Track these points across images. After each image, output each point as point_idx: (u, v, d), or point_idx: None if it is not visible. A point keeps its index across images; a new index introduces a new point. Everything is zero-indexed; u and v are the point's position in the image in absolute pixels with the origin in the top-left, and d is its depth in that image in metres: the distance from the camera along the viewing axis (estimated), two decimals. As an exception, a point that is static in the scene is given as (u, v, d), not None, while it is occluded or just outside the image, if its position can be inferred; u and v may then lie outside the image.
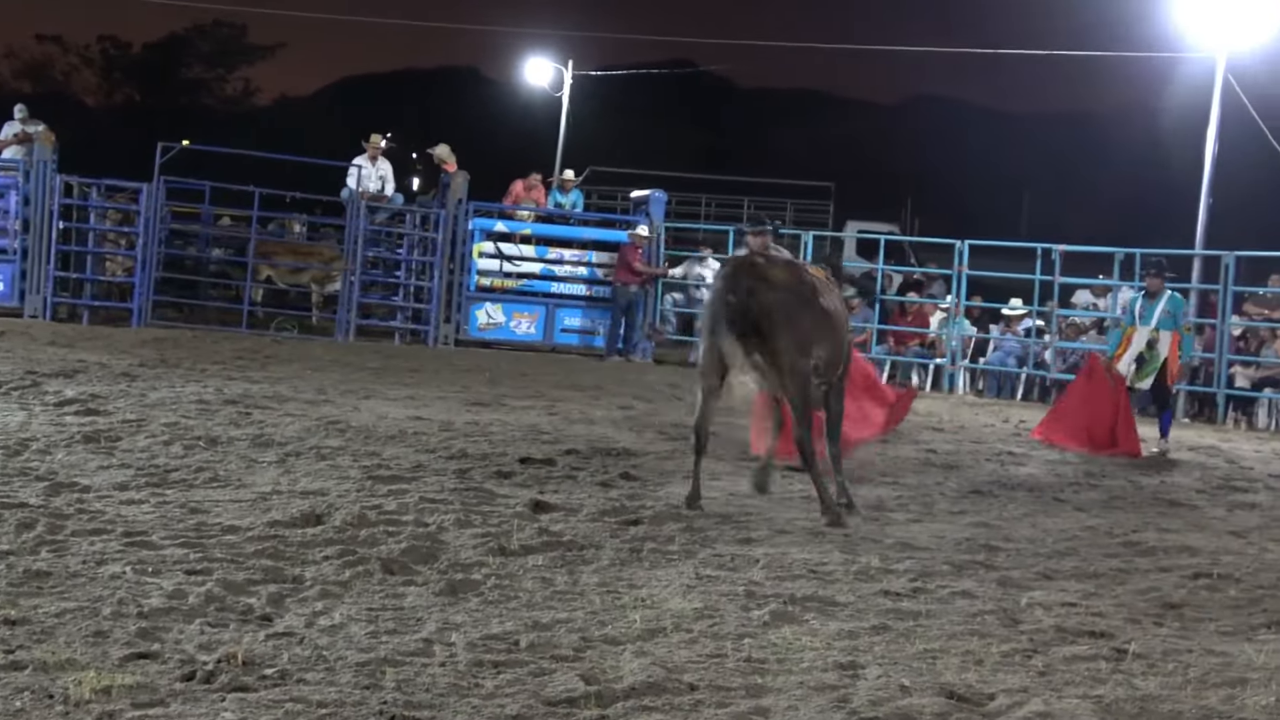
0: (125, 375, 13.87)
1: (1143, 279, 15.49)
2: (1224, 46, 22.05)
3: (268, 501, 7.92)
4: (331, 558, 6.66)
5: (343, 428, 11.14)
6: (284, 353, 18.19)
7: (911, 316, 22.79)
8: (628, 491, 9.29)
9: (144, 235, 20.92)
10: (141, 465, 8.85)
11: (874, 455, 12.39)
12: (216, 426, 10.74)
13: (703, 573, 6.93)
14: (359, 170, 22.31)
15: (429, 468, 9.62)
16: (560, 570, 6.82)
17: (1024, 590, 7.01)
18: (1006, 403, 20.13)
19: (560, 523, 7.95)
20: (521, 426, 12.25)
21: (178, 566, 6.27)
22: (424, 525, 7.54)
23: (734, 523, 8.36)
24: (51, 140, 21.43)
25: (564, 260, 22.70)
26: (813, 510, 8.99)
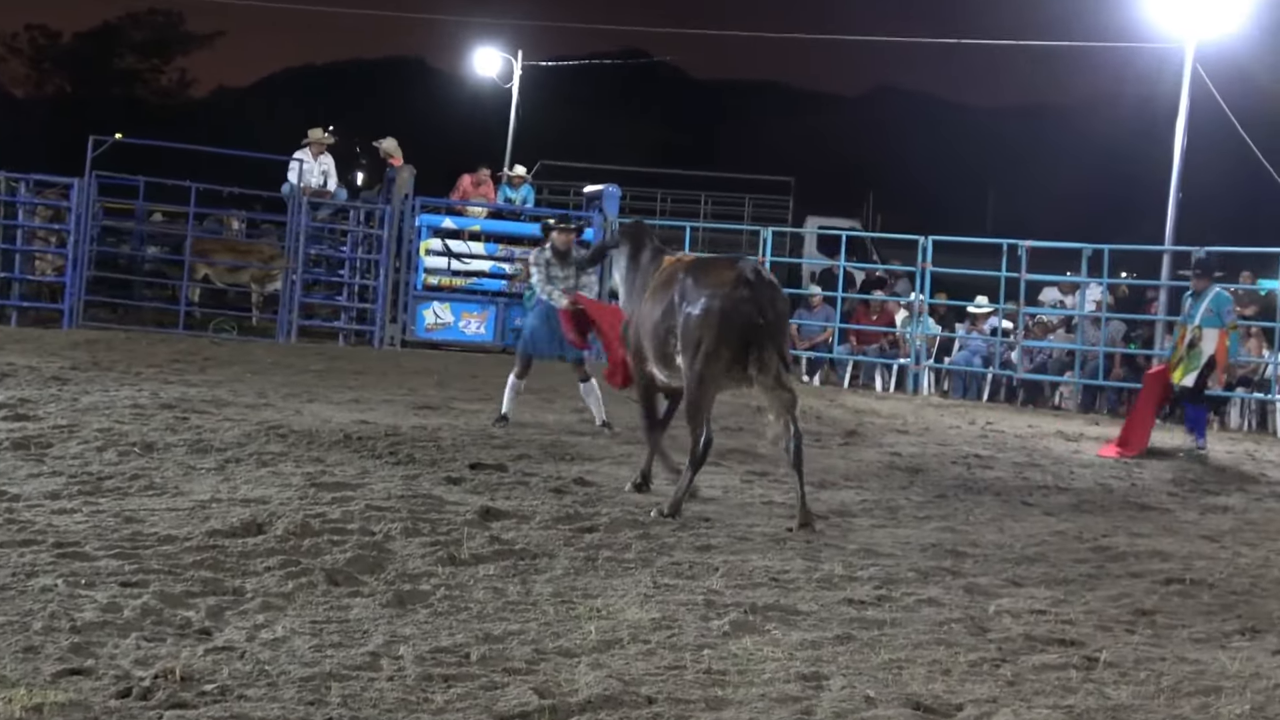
0: (56, 379, 13.76)
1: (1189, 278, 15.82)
2: (1192, 35, 22.22)
3: (206, 510, 7.86)
4: (273, 568, 6.62)
5: (284, 433, 11.08)
6: (223, 355, 18.08)
7: (875, 315, 22.86)
8: (582, 498, 9.27)
9: (75, 232, 20.73)
10: (74, 473, 8.78)
11: (837, 459, 12.44)
12: (152, 432, 10.66)
13: (660, 581, 6.93)
14: (300, 165, 22.19)
15: (375, 474, 9.58)
16: (512, 580, 6.80)
17: (992, 597, 7.04)
18: (973, 404, 20.23)
19: (512, 530, 7.93)
20: (471, 431, 12.22)
21: (112, 578, 6.22)
22: (370, 534, 7.50)
23: (692, 530, 8.36)
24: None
25: (514, 258, 22.65)
26: (774, 517, 9.01)
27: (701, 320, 9.02)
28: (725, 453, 12.13)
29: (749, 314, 8.89)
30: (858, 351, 22.41)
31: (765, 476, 10.92)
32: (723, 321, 8.93)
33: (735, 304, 8.92)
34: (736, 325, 8.91)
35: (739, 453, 12.18)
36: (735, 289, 8.97)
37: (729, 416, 15.28)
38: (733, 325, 8.91)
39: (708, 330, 8.98)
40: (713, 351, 8.96)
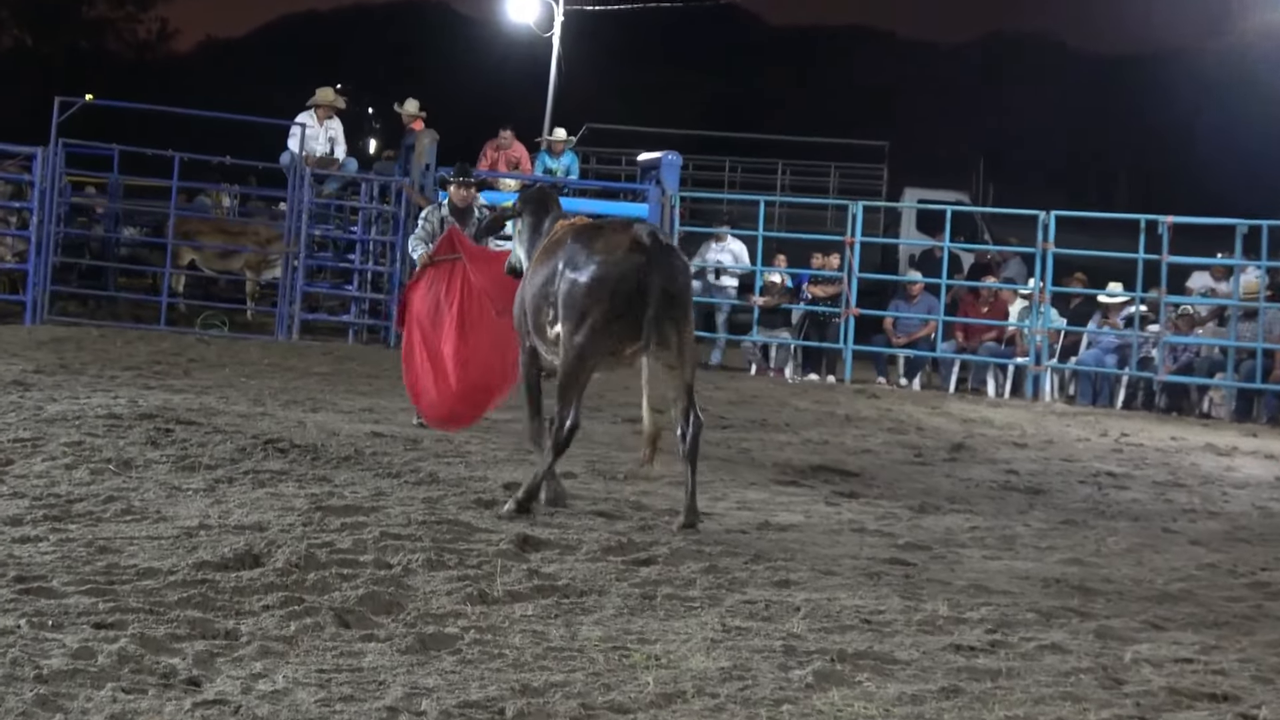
0: (17, 384, 13.88)
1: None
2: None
3: (194, 539, 7.91)
4: (273, 607, 6.66)
5: (285, 447, 11.14)
6: (212, 355, 18.21)
7: (986, 306, 22.76)
8: (637, 523, 9.28)
9: (39, 211, 20.89)
10: (38, 495, 8.85)
11: (941, 478, 12.41)
12: (130, 447, 10.73)
13: (730, 624, 6.92)
14: (303, 130, 22.30)
15: (391, 495, 9.62)
16: (555, 622, 6.81)
17: (1128, 643, 6.99)
18: (1104, 411, 20.10)
19: (554, 563, 7.95)
20: (504, 444, 12.25)
21: (84, 619, 6.26)
22: (386, 567, 7.53)
23: (768, 562, 8.35)
24: (-76, 97, 21.51)
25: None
26: (868, 547, 8.99)
27: (589, 289, 9.35)
28: (808, 470, 12.14)
29: (645, 283, 9.18)
30: (966, 349, 22.31)
31: (855, 498, 10.91)
32: (615, 291, 9.27)
33: (628, 272, 9.26)
34: (629, 296, 9.22)
35: (824, 470, 12.17)
36: (629, 255, 9.29)
37: (812, 427, 15.30)
38: (625, 296, 9.24)
39: (596, 301, 9.31)
40: (600, 325, 9.31)
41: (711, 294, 23.67)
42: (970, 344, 22.37)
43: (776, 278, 23.26)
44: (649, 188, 23.04)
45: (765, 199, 25.52)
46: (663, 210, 22.60)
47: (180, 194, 23.29)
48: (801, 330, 22.76)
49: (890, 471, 12.61)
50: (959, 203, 30.94)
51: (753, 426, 15.17)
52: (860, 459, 13.25)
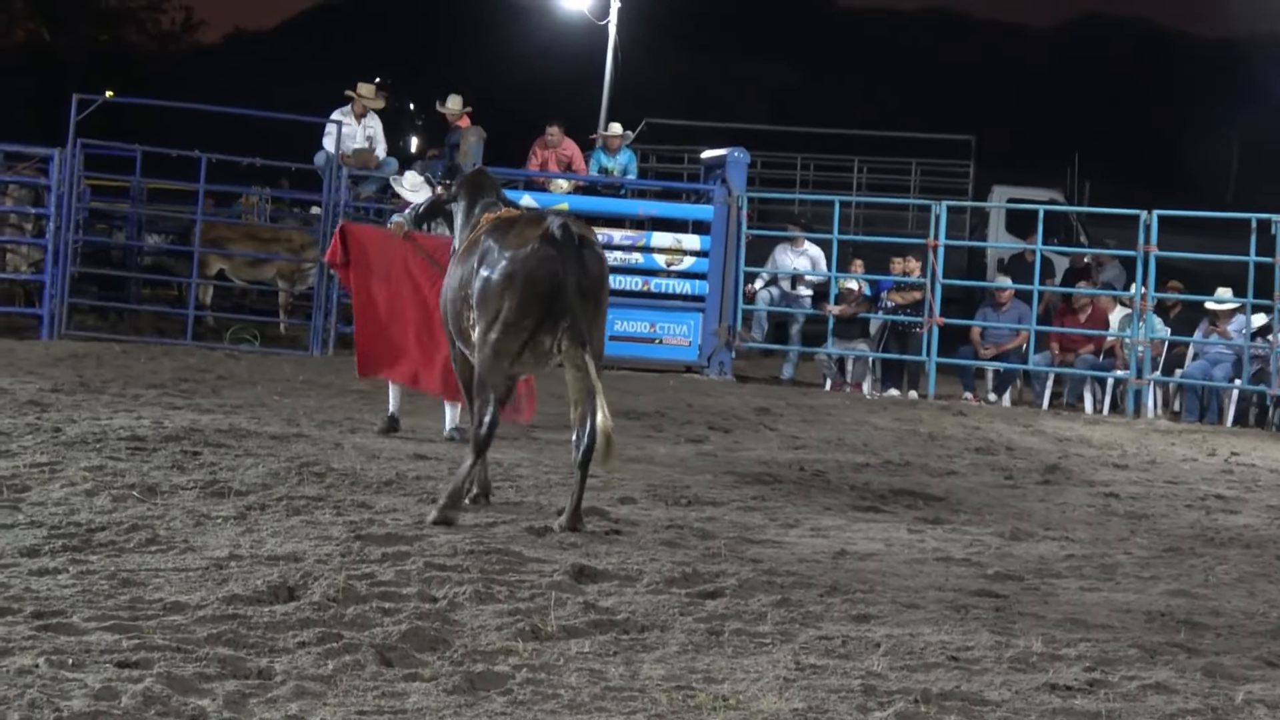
0: (33, 404, 13.98)
1: None
2: None
3: (224, 570, 7.96)
4: (309, 644, 6.68)
5: (321, 471, 11.18)
6: (242, 372, 18.30)
7: (1083, 314, 22.65)
8: (701, 553, 9.28)
9: (56, 217, 21.01)
10: (56, 523, 8.91)
11: (1034, 501, 12.36)
12: (155, 471, 10.81)
13: (805, 661, 6.91)
14: (339, 128, 22.40)
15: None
16: (613, 659, 6.82)
17: (1239, 682, 6.95)
18: (1212, 429, 19.98)
19: (613, 595, 7.96)
20: (558, 467, 12.27)
21: (106, 657, 6.31)
22: (431, 600, 7.56)
23: (845, 593, 8.34)
24: (-68, 95, 21.68)
25: (613, 244, 22.74)
26: (954, 578, 8.97)
27: (500, 286, 9.77)
28: (888, 494, 12.12)
29: (554, 278, 9.60)
30: (1061, 362, 22.21)
31: (940, 525, 10.88)
32: (525, 287, 9.67)
33: (537, 266, 9.65)
34: (539, 292, 9.65)
35: (906, 494, 12.15)
36: (540, 248, 9.67)
37: (892, 447, 15.27)
38: (535, 292, 9.66)
39: (507, 297, 9.72)
40: (513, 322, 9.73)
41: (785, 303, 23.65)
42: (1065, 356, 22.27)
43: (853, 285, 23.18)
44: (713, 187, 23.05)
45: (840, 199, 25.48)
46: (729, 212, 22.59)
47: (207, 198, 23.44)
48: (880, 342, 22.68)
49: (978, 495, 12.56)
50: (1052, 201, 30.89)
51: (828, 447, 15.15)
52: (945, 482, 13.21)
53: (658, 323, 22.53)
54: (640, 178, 26.00)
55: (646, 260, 22.80)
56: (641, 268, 22.77)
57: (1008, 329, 22.42)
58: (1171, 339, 22.00)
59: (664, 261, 22.79)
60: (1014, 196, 32.02)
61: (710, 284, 22.52)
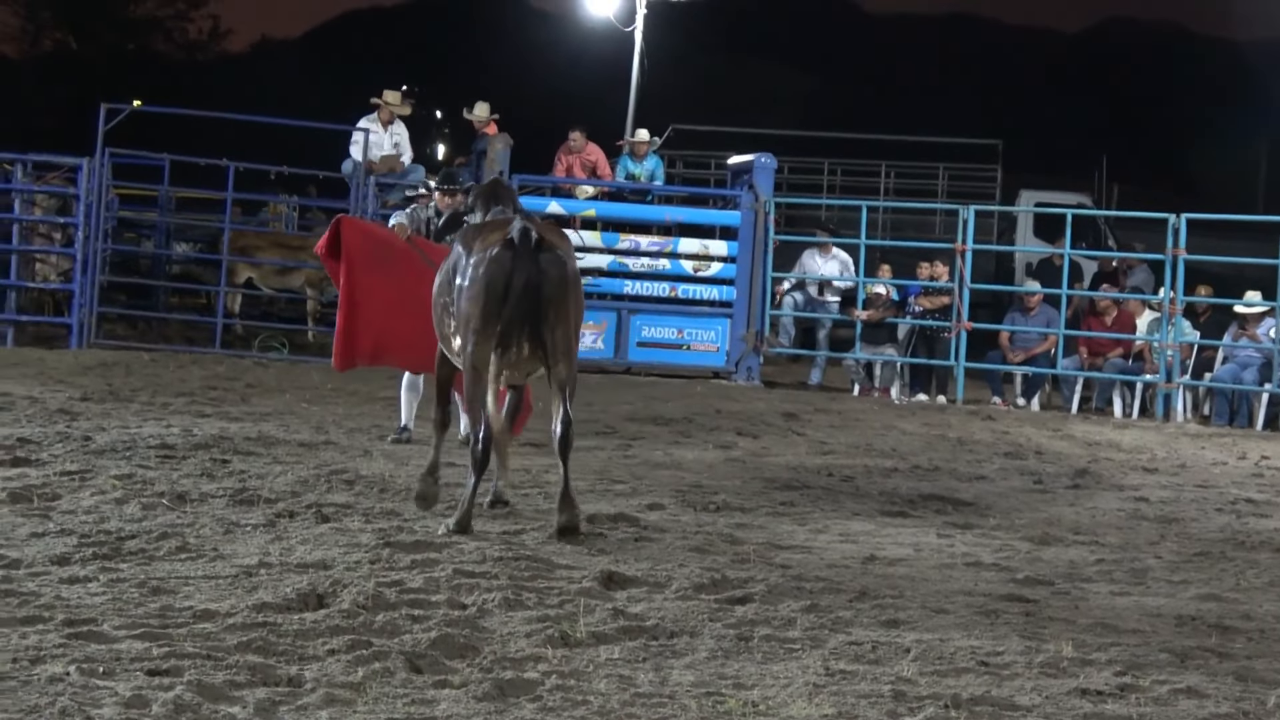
0: (63, 412, 14.03)
1: None
2: None
3: (253, 578, 7.98)
4: (339, 651, 6.70)
5: (350, 479, 11.21)
6: (271, 380, 18.34)
7: (1111, 318, 22.60)
8: (730, 558, 9.27)
9: (85, 226, 21.08)
10: (87, 532, 8.94)
11: (1064, 506, 12.33)
12: (184, 479, 10.83)
13: (834, 667, 6.91)
14: (366, 136, 22.42)
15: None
16: (643, 665, 6.82)
17: (1272, 686, 6.93)
18: (1242, 432, 19.92)
19: (642, 601, 7.95)
20: (587, 473, 12.27)
21: (136, 665, 6.32)
22: (460, 607, 7.56)
23: (875, 599, 8.33)
24: (-40, 105, 21.73)
25: (640, 250, 22.74)
26: (984, 583, 8.95)
27: (467, 294, 9.82)
28: (917, 499, 12.10)
29: (511, 282, 9.60)
30: (1089, 366, 22.16)
31: (969, 530, 10.86)
32: (486, 293, 9.68)
33: (495, 272, 9.66)
34: (496, 297, 9.64)
35: (935, 499, 12.12)
36: (500, 254, 9.69)
37: (921, 452, 15.25)
38: (495, 298, 9.65)
39: (473, 305, 9.75)
40: (479, 330, 9.71)
41: (813, 308, 23.63)
42: (1094, 360, 22.21)
43: (881, 289, 23.15)
44: (740, 193, 23.04)
45: (868, 204, 25.48)
46: (756, 217, 22.59)
47: (235, 206, 23.46)
48: (908, 347, 22.64)
49: (1008, 500, 12.54)
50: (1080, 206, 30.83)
51: (856, 452, 15.13)
52: (974, 487, 13.19)
53: (685, 329, 22.53)
54: (667, 183, 26.00)
55: (674, 266, 22.79)
56: (669, 273, 22.76)
57: (1037, 333, 22.37)
58: (1201, 342, 21.94)
59: (691, 267, 22.79)
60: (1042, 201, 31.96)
61: (738, 290, 22.51)
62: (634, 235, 22.96)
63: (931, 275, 22.83)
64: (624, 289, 22.60)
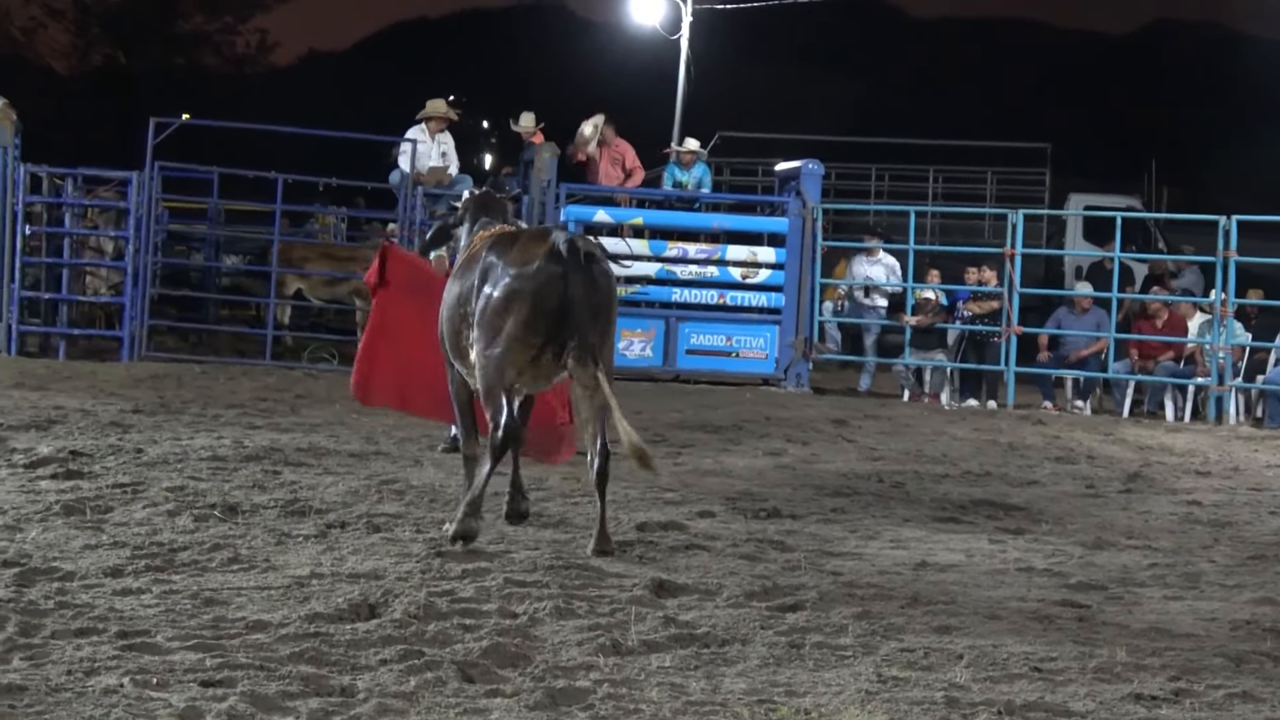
0: (115, 425, 14.10)
1: None
2: None
3: (305, 588, 8.01)
4: (391, 661, 6.71)
5: (401, 489, 11.23)
6: (321, 390, 18.39)
7: (1162, 321, 22.50)
8: (781, 566, 9.27)
9: (135, 239, 21.19)
10: (139, 544, 8.98)
11: (1116, 510, 12.28)
12: (235, 491, 10.87)
13: (886, 674, 6.89)
14: (413, 146, 22.44)
15: (516, 539, 9.68)
16: (694, 674, 6.81)
17: (1328, 690, 6.89)
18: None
19: (693, 609, 7.95)
20: (637, 482, 12.27)
21: (190, 676, 6.35)
22: (511, 616, 7.57)
23: (927, 605, 8.31)
24: (12, 120, 21.73)
25: (688, 258, 22.74)
26: (1036, 588, 8.92)
27: (504, 303, 9.42)
28: (968, 505, 12.06)
29: (562, 296, 9.30)
30: (1140, 369, 22.06)
31: (1021, 535, 10.82)
32: (533, 305, 9.34)
33: (544, 284, 9.34)
34: (547, 310, 9.33)
35: (987, 504, 12.08)
36: (546, 265, 9.36)
37: (972, 458, 15.20)
38: (542, 310, 9.34)
39: (512, 314, 9.38)
40: (518, 338, 9.38)
41: (860, 314, 23.59)
42: (1145, 363, 22.11)
43: (930, 294, 23.08)
44: (788, 199, 23.01)
45: (916, 209, 25.44)
46: (804, 224, 22.56)
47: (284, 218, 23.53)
48: (958, 351, 22.56)
49: (1059, 505, 12.49)
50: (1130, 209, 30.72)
51: (906, 458, 15.09)
52: (1026, 492, 13.14)
53: (734, 336, 22.50)
54: (714, 191, 25.96)
55: (722, 274, 22.78)
56: (717, 281, 22.75)
57: (1087, 336, 22.25)
58: (1253, 345, 21.83)
59: (739, 274, 22.77)
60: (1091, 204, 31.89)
61: (786, 296, 22.48)
62: (682, 243, 22.94)
63: (980, 280, 22.75)
64: (672, 296, 22.60)
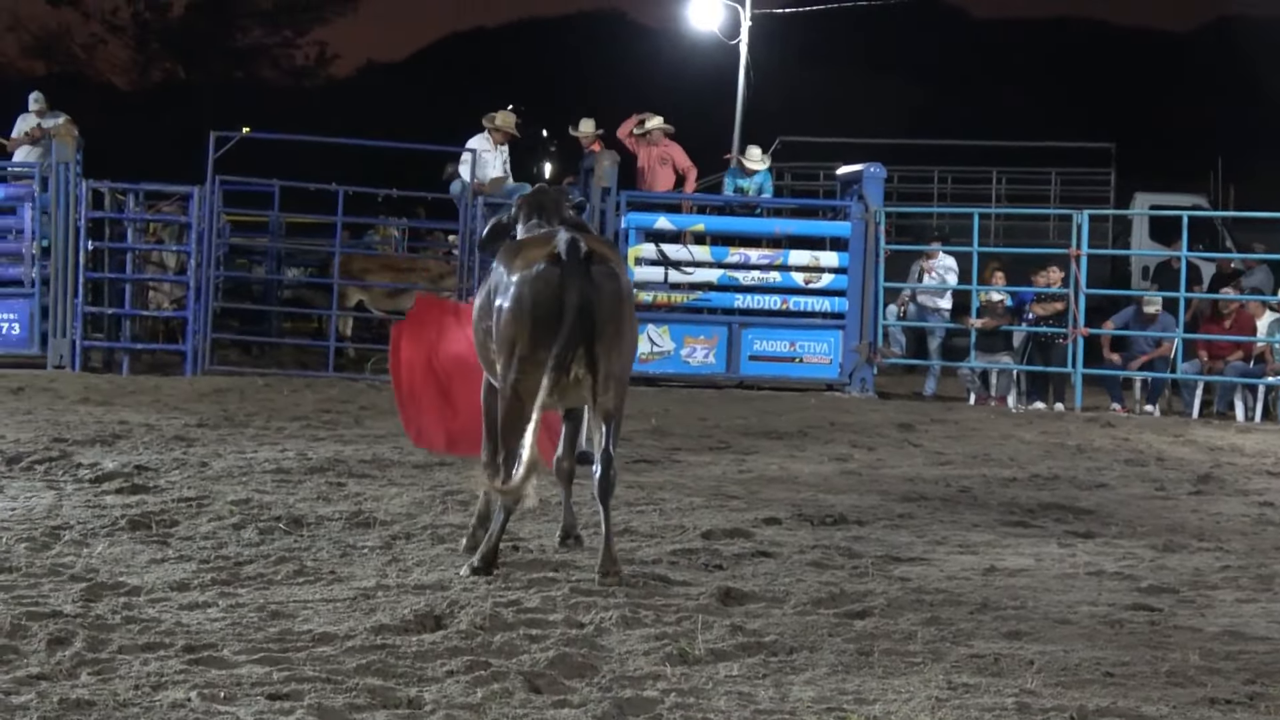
0: (180, 439, 14.20)
1: None
2: None
3: (371, 600, 8.03)
4: (457, 673, 6.72)
5: (466, 499, 11.23)
6: (384, 402, 18.40)
7: (1230, 321, 22.35)
8: (849, 572, 9.24)
9: (197, 254, 21.34)
10: (205, 557, 9.05)
11: (1186, 512, 12.20)
12: (300, 503, 10.92)
13: (956, 680, 6.86)
14: (474, 156, 22.48)
15: (579, 548, 9.67)
16: (762, 682, 6.80)
17: (1406, 692, 6.83)
18: (1370, 434, 19.64)
19: (760, 617, 7.93)
20: (702, 489, 12.27)
21: (257, 689, 6.38)
22: (578, 626, 7.57)
23: (997, 611, 8.27)
24: (74, 136, 21.92)
25: (750, 264, 22.71)
26: (1107, 592, 8.87)
27: (510, 315, 8.91)
28: (1037, 509, 12.01)
29: (564, 300, 8.68)
30: (1209, 369, 21.92)
31: (1091, 538, 10.76)
32: (533, 314, 8.79)
33: (543, 290, 8.78)
34: (545, 318, 8.72)
35: (1055, 508, 12.03)
36: (546, 270, 8.81)
37: (1040, 461, 15.14)
38: (544, 318, 8.74)
39: (519, 327, 8.85)
40: (527, 355, 8.79)
41: (924, 316, 23.52)
42: (1214, 364, 21.96)
43: (995, 297, 22.98)
44: (850, 204, 22.96)
45: (979, 211, 25.33)
46: (867, 227, 22.50)
47: (344, 230, 23.63)
48: (1024, 354, 22.45)
49: (1129, 508, 12.42)
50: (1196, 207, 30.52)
51: (973, 462, 15.03)
52: (1095, 495, 13.07)
53: (798, 341, 22.47)
54: (776, 195, 25.93)
55: (784, 279, 22.75)
56: (780, 286, 22.72)
57: (1154, 337, 22.11)
58: (1324, 343, 21.66)
59: (802, 280, 22.74)
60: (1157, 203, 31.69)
61: (850, 301, 22.43)
62: (744, 248, 22.93)
63: (1046, 281, 22.64)
64: (735, 303, 22.59)
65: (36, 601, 7.73)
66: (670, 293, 22.65)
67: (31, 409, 16.33)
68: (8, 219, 22.24)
